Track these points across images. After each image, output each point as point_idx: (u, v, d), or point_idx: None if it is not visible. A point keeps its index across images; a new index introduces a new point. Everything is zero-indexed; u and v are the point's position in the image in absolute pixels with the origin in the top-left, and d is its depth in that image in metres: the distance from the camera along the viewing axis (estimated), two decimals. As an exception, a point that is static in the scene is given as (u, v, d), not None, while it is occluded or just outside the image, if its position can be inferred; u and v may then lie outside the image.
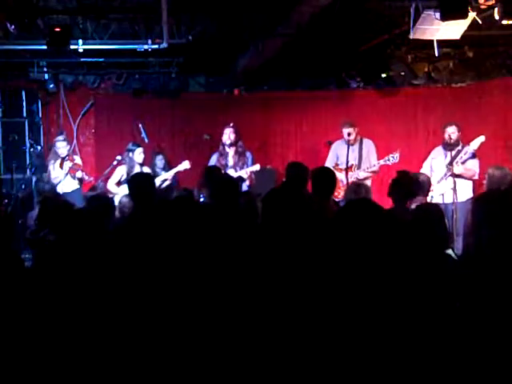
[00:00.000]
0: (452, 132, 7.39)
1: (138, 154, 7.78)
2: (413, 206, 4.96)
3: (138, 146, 7.91)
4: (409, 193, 5.02)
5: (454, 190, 7.03)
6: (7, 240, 4.16)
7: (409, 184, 5.12)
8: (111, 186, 7.77)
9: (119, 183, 7.79)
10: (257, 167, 7.71)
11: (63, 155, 8.00)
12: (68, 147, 8.16)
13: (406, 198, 4.98)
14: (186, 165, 7.89)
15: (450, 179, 7.13)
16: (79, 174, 7.88)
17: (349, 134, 7.60)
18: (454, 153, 7.28)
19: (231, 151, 7.81)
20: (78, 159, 8.24)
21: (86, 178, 7.94)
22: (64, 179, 7.94)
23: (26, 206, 7.88)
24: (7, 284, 3.26)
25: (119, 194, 7.12)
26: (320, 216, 4.18)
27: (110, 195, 7.09)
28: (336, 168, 7.60)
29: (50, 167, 8.09)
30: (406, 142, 9.37)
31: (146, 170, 7.73)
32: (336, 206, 5.37)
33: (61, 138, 8.20)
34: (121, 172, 7.80)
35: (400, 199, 4.92)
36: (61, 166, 7.99)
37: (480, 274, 2.78)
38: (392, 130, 9.51)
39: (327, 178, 5.34)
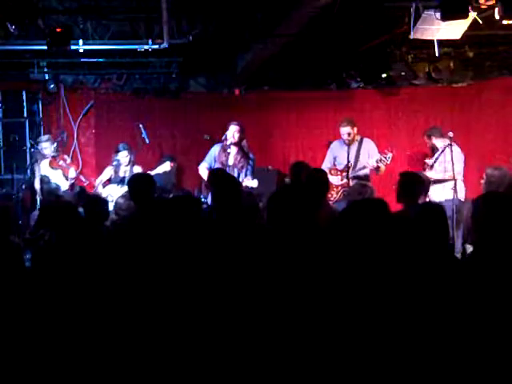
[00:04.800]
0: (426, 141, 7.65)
1: (125, 157, 7.77)
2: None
3: (125, 148, 7.84)
4: (417, 191, 4.94)
5: (455, 189, 7.01)
6: (5, 232, 4.17)
7: (415, 183, 5.04)
8: (98, 186, 7.80)
9: (108, 181, 7.83)
10: (254, 183, 7.05)
11: (49, 155, 8.02)
12: (53, 146, 8.14)
13: (416, 197, 4.89)
14: (166, 166, 7.68)
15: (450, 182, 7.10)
16: (72, 174, 7.88)
17: (348, 134, 7.30)
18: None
19: (233, 150, 7.26)
20: (68, 159, 8.26)
21: (83, 178, 7.98)
22: (54, 178, 7.93)
23: (26, 207, 7.88)
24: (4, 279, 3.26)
25: (103, 194, 7.29)
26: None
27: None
28: (333, 169, 7.43)
29: (36, 168, 8.08)
30: (407, 142, 9.36)
31: (137, 169, 7.68)
32: (329, 207, 5.38)
33: (44, 138, 8.27)
34: (109, 173, 7.85)
35: (411, 200, 4.79)
36: (52, 165, 7.99)
37: (480, 273, 2.79)
38: (392, 130, 9.50)
39: (319, 180, 5.38)
